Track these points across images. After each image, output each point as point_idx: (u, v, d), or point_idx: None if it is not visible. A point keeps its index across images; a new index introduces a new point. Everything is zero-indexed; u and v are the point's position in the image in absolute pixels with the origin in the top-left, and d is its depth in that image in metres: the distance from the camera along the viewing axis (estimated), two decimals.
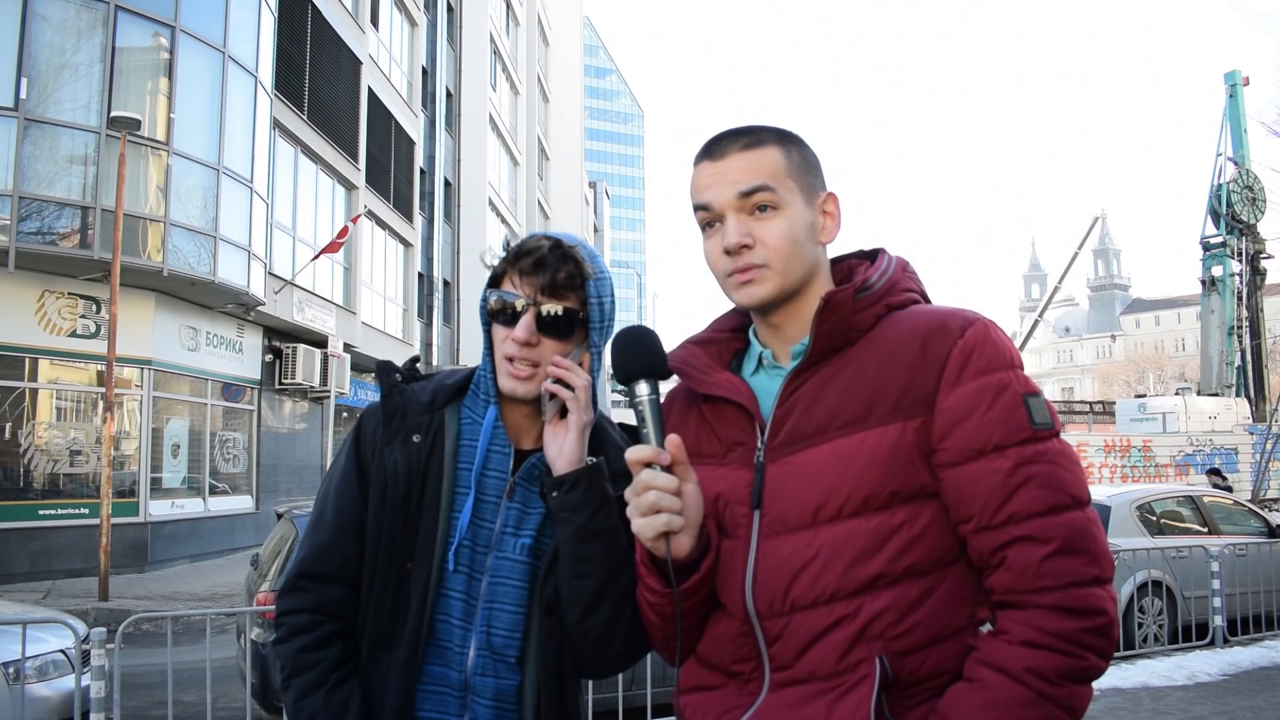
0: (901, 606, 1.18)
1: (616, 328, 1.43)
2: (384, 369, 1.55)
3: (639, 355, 1.28)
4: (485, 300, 1.51)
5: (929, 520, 1.20)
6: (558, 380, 1.44)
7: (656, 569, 1.28)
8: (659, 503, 1.20)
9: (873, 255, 1.39)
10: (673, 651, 1.35)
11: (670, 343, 1.41)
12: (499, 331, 1.48)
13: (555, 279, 1.44)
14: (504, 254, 1.51)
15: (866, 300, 1.27)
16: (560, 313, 1.45)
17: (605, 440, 1.52)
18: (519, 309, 1.45)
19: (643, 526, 1.22)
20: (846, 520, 1.20)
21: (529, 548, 1.45)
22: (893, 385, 1.22)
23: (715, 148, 1.32)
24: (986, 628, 1.25)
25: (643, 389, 1.26)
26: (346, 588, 1.49)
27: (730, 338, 1.44)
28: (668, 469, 1.22)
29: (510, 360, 1.45)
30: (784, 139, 1.32)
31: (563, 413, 1.45)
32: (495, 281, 1.51)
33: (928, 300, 1.36)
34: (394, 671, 1.43)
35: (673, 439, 1.22)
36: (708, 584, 1.28)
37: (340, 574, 1.49)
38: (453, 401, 1.54)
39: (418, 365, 1.64)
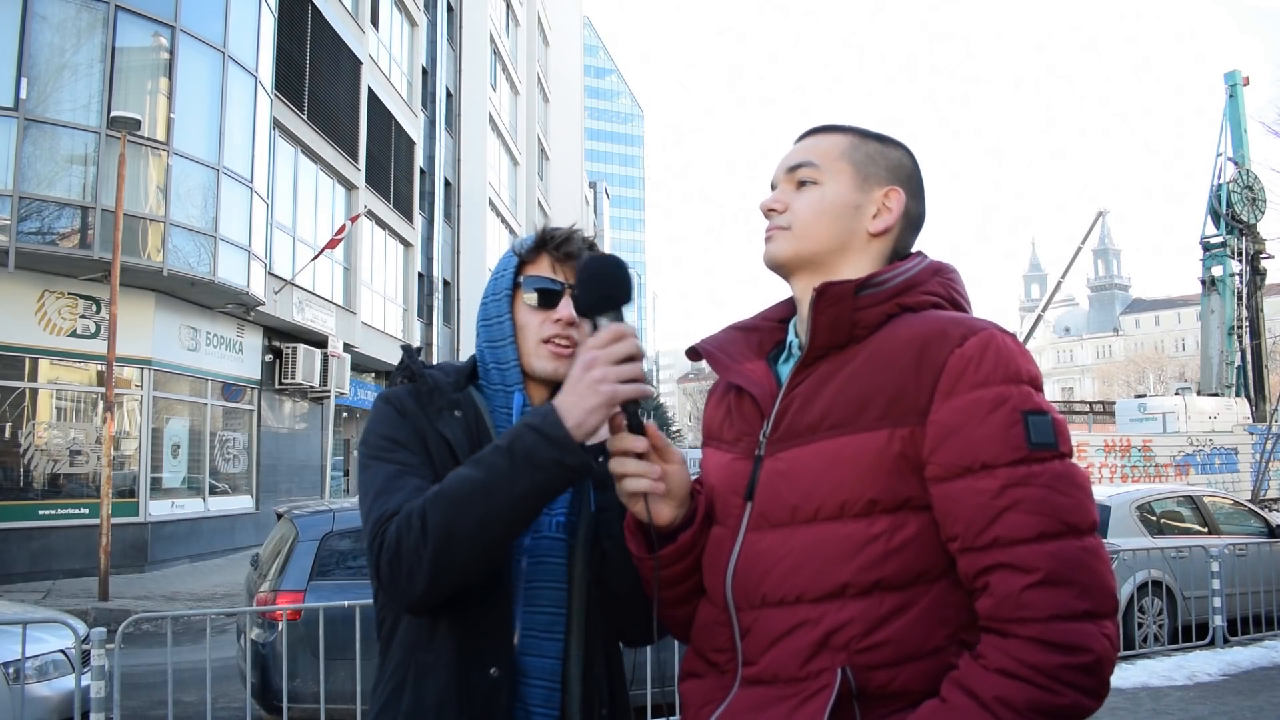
0: (870, 620, 1.14)
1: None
2: (409, 350, 1.58)
3: (600, 287, 1.29)
4: (514, 286, 1.52)
5: (913, 534, 1.15)
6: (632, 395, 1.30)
7: (643, 535, 1.32)
8: (625, 467, 1.26)
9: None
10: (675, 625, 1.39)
11: (676, 341, 1.41)
12: (533, 315, 1.50)
13: None
14: (531, 242, 1.55)
15: (872, 297, 1.23)
16: None
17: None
18: (560, 292, 1.49)
19: (620, 487, 1.27)
20: (821, 524, 1.18)
21: (563, 525, 1.46)
22: (883, 390, 1.18)
23: (799, 137, 1.39)
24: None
25: (604, 324, 1.29)
26: None
27: (775, 326, 1.43)
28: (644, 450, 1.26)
29: (548, 341, 1.48)
30: (864, 134, 1.35)
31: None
32: (521, 268, 1.53)
33: (962, 308, 1.29)
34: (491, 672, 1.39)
35: (650, 428, 1.28)
36: (688, 557, 1.31)
37: None
38: (469, 385, 1.55)
39: (420, 355, 1.65)
